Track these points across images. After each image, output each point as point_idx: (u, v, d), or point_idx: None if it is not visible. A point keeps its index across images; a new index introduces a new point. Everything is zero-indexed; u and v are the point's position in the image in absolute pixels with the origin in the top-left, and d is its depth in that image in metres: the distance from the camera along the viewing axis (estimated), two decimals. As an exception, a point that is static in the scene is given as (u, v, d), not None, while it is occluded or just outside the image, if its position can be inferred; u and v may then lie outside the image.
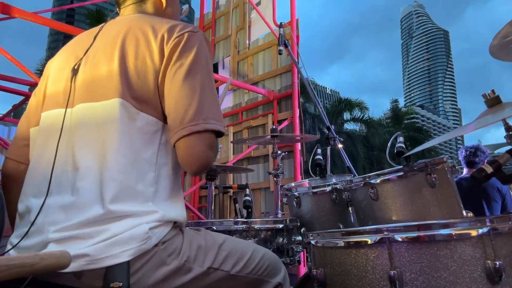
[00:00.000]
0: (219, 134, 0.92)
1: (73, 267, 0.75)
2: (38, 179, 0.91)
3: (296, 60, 3.01)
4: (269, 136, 2.22)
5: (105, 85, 0.92)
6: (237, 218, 1.88)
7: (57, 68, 1.06)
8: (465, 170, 3.42)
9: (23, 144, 1.06)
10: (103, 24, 1.09)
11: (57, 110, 0.98)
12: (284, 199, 1.91)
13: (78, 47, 1.06)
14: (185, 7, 1.44)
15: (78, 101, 0.95)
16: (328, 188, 1.68)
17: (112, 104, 0.89)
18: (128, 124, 0.89)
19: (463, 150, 3.40)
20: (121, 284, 0.78)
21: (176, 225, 0.93)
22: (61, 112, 0.96)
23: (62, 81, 1.01)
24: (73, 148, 0.89)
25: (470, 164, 3.35)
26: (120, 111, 0.88)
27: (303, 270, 3.10)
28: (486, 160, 3.32)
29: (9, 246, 0.89)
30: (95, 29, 1.09)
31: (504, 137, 1.11)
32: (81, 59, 1.01)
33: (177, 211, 0.93)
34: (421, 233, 0.90)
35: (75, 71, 0.99)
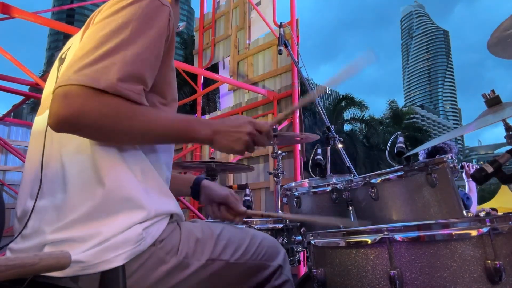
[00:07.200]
0: None
1: (68, 272, 0.75)
2: (31, 182, 0.91)
3: (296, 60, 3.01)
4: (269, 136, 2.22)
5: None
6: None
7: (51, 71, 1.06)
8: None
9: None
10: None
11: (44, 114, 0.96)
12: (284, 199, 1.90)
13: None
14: (182, 24, 1.36)
15: None
16: (328, 188, 1.68)
17: None
18: None
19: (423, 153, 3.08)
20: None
21: (174, 220, 0.92)
22: (45, 116, 0.94)
23: (50, 84, 1.00)
24: (60, 149, 0.88)
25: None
26: None
27: (303, 270, 3.10)
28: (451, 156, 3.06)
29: (8, 251, 0.89)
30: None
31: (504, 137, 1.11)
32: (57, 60, 1.00)
33: (170, 203, 0.91)
34: (421, 233, 0.90)
35: (56, 67, 0.98)
